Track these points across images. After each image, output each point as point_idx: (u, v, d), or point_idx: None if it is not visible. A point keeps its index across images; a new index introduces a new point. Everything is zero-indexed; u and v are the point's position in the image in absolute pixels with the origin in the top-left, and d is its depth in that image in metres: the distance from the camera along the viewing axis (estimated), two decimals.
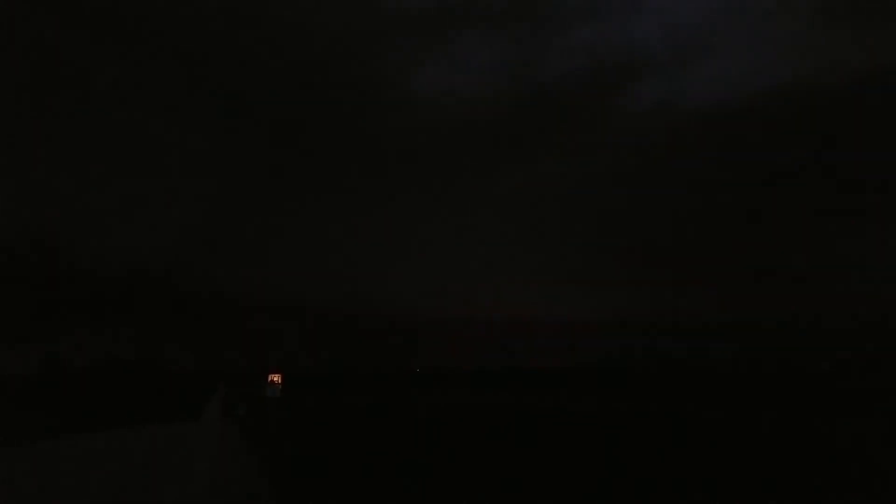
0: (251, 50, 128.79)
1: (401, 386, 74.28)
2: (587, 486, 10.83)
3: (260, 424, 26.92)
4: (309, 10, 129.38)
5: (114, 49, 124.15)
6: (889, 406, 30.88)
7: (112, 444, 20.59)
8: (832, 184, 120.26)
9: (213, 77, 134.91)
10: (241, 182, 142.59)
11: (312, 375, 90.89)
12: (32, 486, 11.51)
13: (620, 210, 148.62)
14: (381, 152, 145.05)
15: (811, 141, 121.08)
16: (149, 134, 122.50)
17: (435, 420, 26.13)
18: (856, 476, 11.80)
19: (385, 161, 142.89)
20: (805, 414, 27.35)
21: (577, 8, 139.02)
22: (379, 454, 14.93)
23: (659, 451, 15.26)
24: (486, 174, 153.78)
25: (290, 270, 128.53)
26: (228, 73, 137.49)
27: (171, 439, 22.48)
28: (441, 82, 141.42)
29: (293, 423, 26.79)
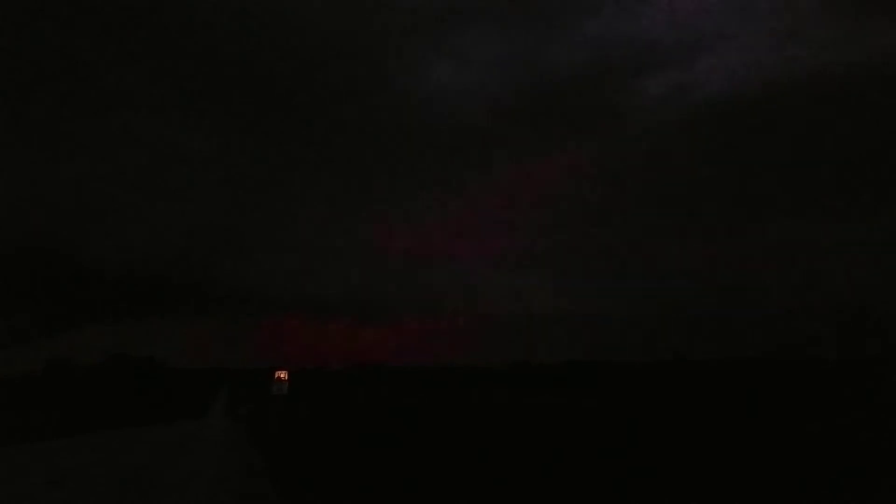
0: (253, 48, 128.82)
1: (406, 383, 74.17)
2: (587, 484, 10.52)
3: (265, 423, 26.71)
4: (312, 7, 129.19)
5: (117, 48, 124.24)
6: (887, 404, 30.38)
7: (116, 443, 20.39)
8: (839, 176, 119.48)
9: (215, 76, 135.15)
10: (244, 180, 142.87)
11: (320, 373, 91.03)
12: (39, 484, 11.30)
13: (629, 203, 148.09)
14: (385, 148, 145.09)
15: (820, 132, 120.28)
16: (152, 133, 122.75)
17: (438, 418, 25.86)
18: (855, 476, 11.42)
19: (389, 157, 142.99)
20: (804, 412, 26.93)
21: (584, 1, 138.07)
22: (383, 453, 14.63)
23: (657, 448, 14.93)
24: (490, 169, 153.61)
25: (296, 267, 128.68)
26: (232, 72, 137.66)
27: (177, 438, 22.30)
28: (446, 77, 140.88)
29: (299, 421, 26.57)
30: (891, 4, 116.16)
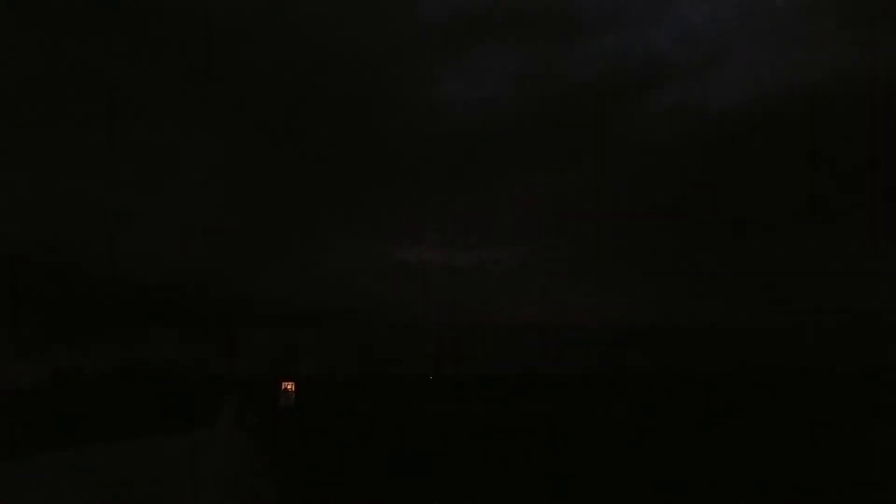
0: (270, 59, 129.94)
1: (415, 393, 73.85)
2: (595, 494, 10.41)
3: (272, 434, 26.66)
4: (329, 19, 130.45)
5: (131, 54, 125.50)
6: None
7: (118, 456, 20.41)
8: (849, 186, 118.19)
9: (233, 86, 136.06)
10: (256, 190, 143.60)
11: (327, 383, 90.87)
12: (45, 496, 11.33)
13: (639, 216, 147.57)
14: (400, 160, 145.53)
15: (830, 142, 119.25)
16: (165, 141, 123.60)
17: (447, 428, 25.69)
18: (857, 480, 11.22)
19: (403, 169, 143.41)
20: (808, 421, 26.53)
21: (597, 17, 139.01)
22: (392, 466, 14.54)
23: (664, 458, 14.74)
24: (505, 180, 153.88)
25: (306, 276, 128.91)
26: (248, 83, 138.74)
27: (182, 450, 22.30)
28: (461, 91, 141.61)
29: (306, 432, 26.49)
30: None
